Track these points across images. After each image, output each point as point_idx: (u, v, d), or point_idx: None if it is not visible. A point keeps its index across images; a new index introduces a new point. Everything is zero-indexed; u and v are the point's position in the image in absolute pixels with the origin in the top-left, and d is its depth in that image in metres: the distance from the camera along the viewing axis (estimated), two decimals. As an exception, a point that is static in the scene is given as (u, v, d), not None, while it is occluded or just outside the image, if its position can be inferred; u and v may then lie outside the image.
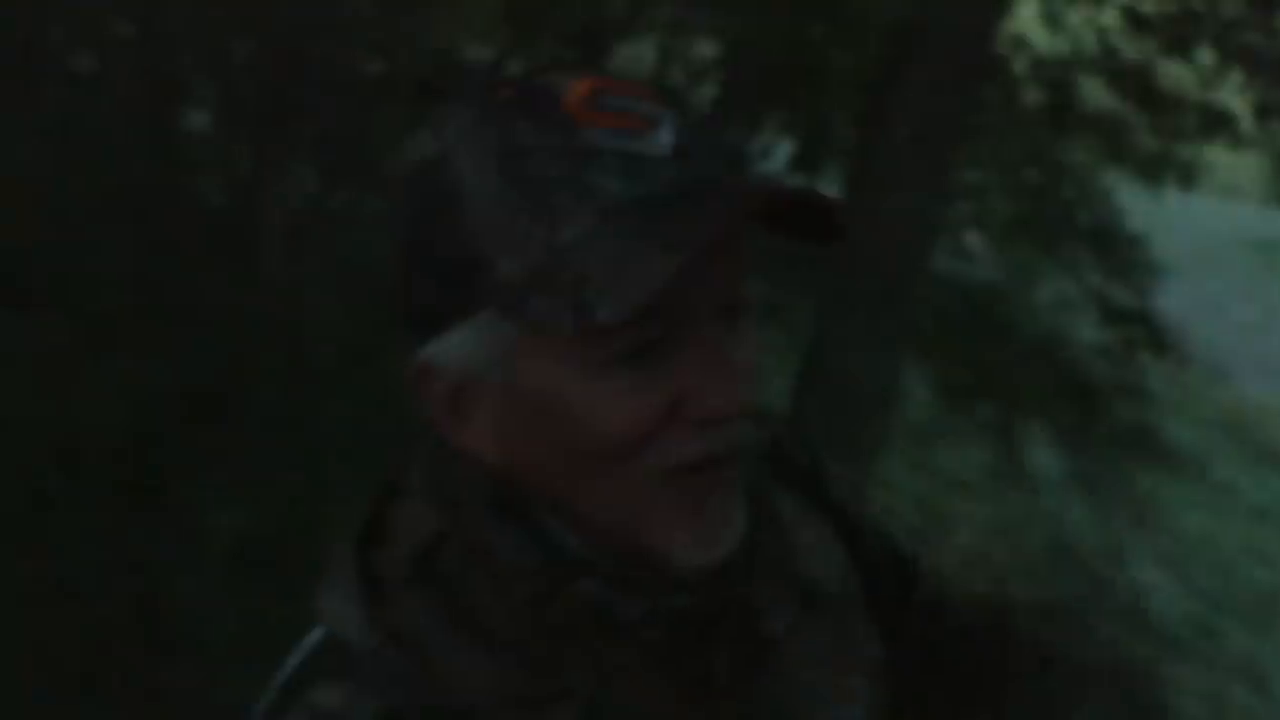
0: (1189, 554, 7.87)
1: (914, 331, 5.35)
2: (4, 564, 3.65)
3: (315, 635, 0.98)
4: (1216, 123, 6.48)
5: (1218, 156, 8.26)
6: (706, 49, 6.97)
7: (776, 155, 7.09)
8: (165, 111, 5.11)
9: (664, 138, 0.91)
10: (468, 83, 0.94)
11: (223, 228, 4.96)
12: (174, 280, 4.40)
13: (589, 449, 0.91)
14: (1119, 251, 6.57)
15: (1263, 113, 6.33)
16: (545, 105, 0.91)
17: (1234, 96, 6.53)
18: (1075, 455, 6.44)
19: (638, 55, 6.71)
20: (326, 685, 0.94)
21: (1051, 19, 6.80)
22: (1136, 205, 6.77)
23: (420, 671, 0.93)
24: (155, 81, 5.05)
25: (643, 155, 0.90)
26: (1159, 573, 7.64)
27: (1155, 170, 6.68)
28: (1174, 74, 6.58)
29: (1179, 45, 6.35)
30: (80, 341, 4.12)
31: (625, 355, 0.90)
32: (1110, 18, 6.65)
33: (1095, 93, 6.69)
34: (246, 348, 4.36)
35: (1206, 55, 6.42)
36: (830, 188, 6.23)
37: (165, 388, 4.11)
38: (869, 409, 4.94)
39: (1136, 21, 6.47)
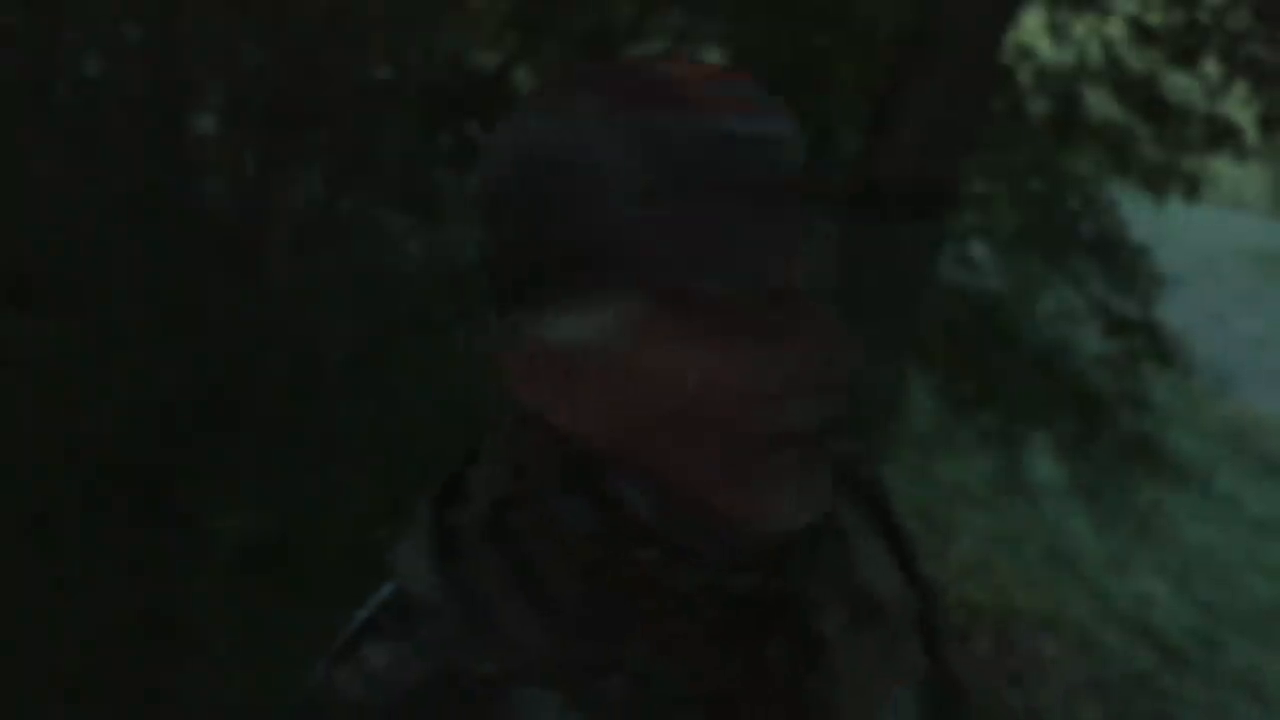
0: (1191, 565, 7.87)
1: (918, 340, 5.35)
2: (11, 567, 3.66)
3: (386, 589, 1.02)
4: (1222, 134, 6.48)
5: (1223, 168, 8.27)
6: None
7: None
8: (173, 115, 5.12)
9: (780, 120, 0.96)
10: (584, 72, 0.97)
11: (230, 232, 4.97)
12: (181, 284, 4.41)
13: (707, 416, 0.94)
14: (1123, 262, 6.58)
15: (1268, 124, 6.34)
16: (673, 92, 0.94)
17: (1240, 108, 6.54)
18: (1077, 465, 6.44)
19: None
20: (378, 644, 0.98)
21: (1057, 29, 6.80)
22: (1141, 216, 6.78)
23: (479, 631, 0.96)
24: (164, 85, 5.07)
25: (770, 138, 0.94)
26: (1161, 584, 7.64)
27: (1160, 181, 6.68)
28: (1180, 85, 6.59)
29: (1185, 56, 6.36)
30: (87, 345, 4.13)
31: (749, 320, 0.94)
32: (1116, 29, 6.66)
33: (1101, 103, 6.70)
34: (253, 352, 4.38)
35: (1212, 67, 6.43)
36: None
37: (172, 391, 4.12)
38: (873, 417, 4.94)
39: (1142, 32, 6.48)
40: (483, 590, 0.97)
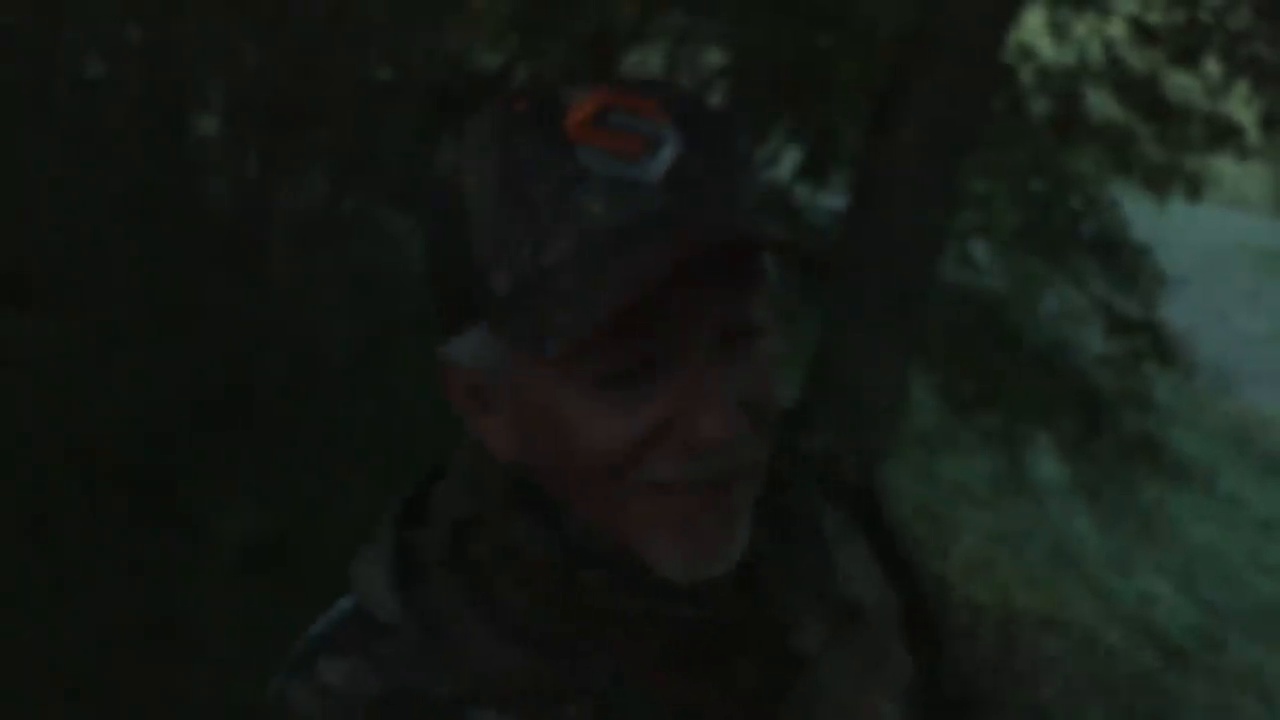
0: (1194, 565, 7.87)
1: (920, 340, 5.35)
2: (16, 566, 3.66)
3: (344, 603, 1.00)
4: (1223, 133, 6.49)
5: (1224, 167, 8.27)
6: (714, 57, 6.99)
7: (784, 163, 7.11)
8: (175, 116, 5.13)
9: (659, 164, 0.92)
10: (487, 97, 0.95)
11: (231, 232, 4.98)
12: (181, 284, 4.41)
13: (576, 463, 0.93)
14: (1125, 261, 6.58)
15: (1269, 123, 6.34)
16: (548, 122, 0.92)
17: (1241, 107, 6.54)
18: (1080, 465, 6.45)
19: (646, 63, 6.73)
20: (334, 660, 0.96)
21: (1058, 29, 6.81)
22: (1143, 215, 6.78)
23: (438, 653, 0.95)
24: (165, 87, 5.07)
25: (632, 181, 0.91)
26: (1164, 583, 7.64)
27: (1162, 180, 6.68)
28: (1181, 84, 6.59)
29: (1186, 56, 6.37)
30: (90, 345, 4.14)
31: (610, 376, 0.91)
32: (1117, 28, 6.67)
33: (1102, 103, 6.70)
34: (253, 352, 4.38)
35: (1213, 66, 6.44)
36: (838, 197, 6.24)
37: (175, 391, 4.13)
38: (876, 417, 4.94)
39: (1143, 32, 6.49)
40: (443, 613, 0.96)
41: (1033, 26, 6.84)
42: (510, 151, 0.92)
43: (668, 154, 0.92)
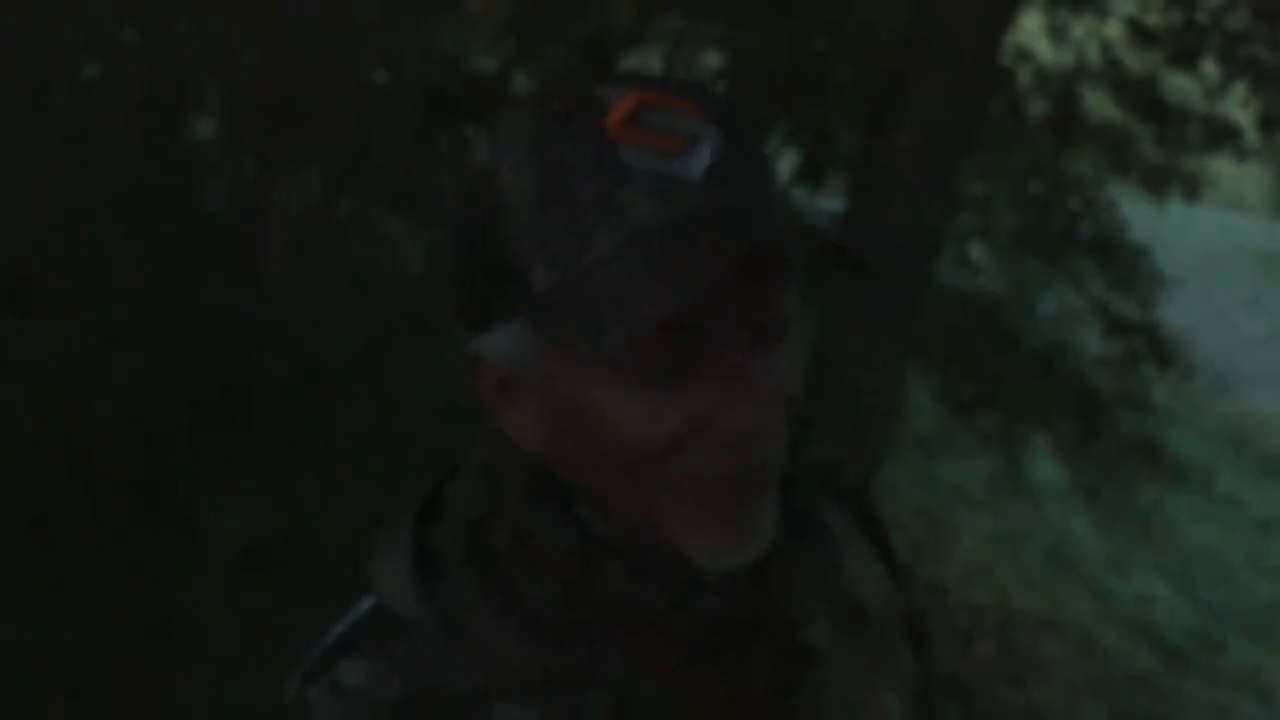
0: (1192, 566, 7.87)
1: (919, 342, 5.36)
2: (14, 568, 3.66)
3: (365, 604, 1.01)
4: (1221, 135, 6.49)
5: (1223, 168, 8.28)
6: (711, 60, 6.99)
7: (780, 166, 7.12)
8: (173, 118, 5.13)
9: (699, 160, 0.93)
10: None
11: (229, 233, 4.98)
12: (180, 285, 4.42)
13: (611, 458, 0.94)
14: (1123, 263, 6.59)
15: (1267, 125, 6.35)
16: (589, 121, 0.93)
17: (1238, 109, 6.55)
18: (1078, 466, 6.45)
19: (644, 66, 6.74)
20: (354, 661, 0.97)
21: (1056, 31, 6.82)
22: (1141, 217, 6.79)
23: (458, 648, 0.96)
24: (163, 88, 5.08)
25: (674, 179, 0.92)
26: (1162, 584, 7.64)
27: (1160, 182, 6.69)
28: (1179, 86, 6.60)
29: (1184, 57, 6.37)
30: (87, 345, 4.14)
31: (650, 371, 0.92)
32: (1115, 29, 6.68)
33: (1100, 104, 6.71)
34: (252, 353, 4.38)
35: (1211, 67, 6.44)
36: (835, 199, 6.25)
37: (173, 393, 4.13)
38: (874, 420, 4.95)
39: (1141, 33, 6.49)
40: (462, 608, 0.97)
41: (1030, 28, 6.85)
42: (551, 149, 0.93)
43: (706, 151, 0.93)
